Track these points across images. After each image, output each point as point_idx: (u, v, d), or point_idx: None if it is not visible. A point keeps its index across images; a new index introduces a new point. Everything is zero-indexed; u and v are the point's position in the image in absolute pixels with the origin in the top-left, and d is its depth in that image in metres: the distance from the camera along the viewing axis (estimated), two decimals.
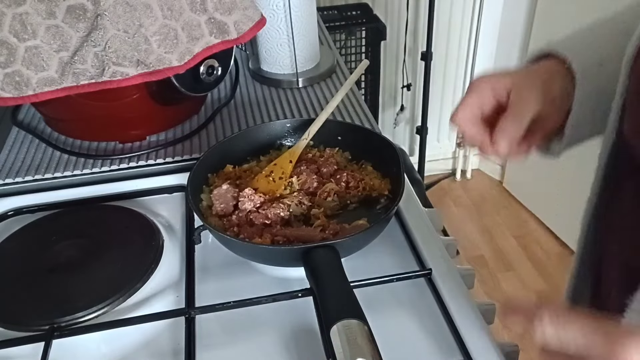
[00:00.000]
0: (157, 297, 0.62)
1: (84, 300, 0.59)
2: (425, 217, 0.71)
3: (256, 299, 0.59)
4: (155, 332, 0.59)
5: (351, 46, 1.82)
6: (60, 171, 0.82)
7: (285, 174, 0.71)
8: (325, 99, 0.97)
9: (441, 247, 0.66)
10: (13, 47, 0.68)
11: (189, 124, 0.92)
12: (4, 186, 0.80)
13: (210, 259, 0.67)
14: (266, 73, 1.03)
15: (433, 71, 2.02)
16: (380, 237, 0.64)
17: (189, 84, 0.82)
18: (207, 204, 0.69)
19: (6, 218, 0.76)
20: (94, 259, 0.65)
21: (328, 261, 0.56)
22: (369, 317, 0.50)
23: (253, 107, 0.96)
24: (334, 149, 0.77)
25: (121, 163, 0.83)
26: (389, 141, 0.73)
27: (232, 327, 0.59)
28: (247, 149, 0.77)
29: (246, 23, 0.80)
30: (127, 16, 0.69)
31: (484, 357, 0.53)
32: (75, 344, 0.57)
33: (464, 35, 2.13)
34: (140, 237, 0.68)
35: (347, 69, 1.07)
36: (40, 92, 0.70)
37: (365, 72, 1.75)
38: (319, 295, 0.54)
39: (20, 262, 0.66)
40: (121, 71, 0.71)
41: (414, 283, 0.62)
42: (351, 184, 0.70)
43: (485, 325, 0.57)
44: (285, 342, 0.57)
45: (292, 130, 0.79)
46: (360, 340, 0.48)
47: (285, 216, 0.66)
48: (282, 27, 0.97)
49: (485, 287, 1.95)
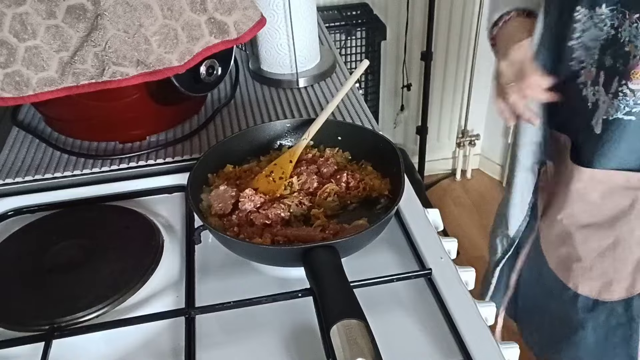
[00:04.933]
0: (157, 297, 0.62)
1: (84, 300, 0.59)
2: (425, 217, 0.71)
3: (256, 299, 0.59)
4: (155, 332, 0.59)
5: (351, 46, 1.82)
6: (60, 171, 0.82)
7: (285, 174, 0.71)
8: (325, 99, 0.97)
9: (441, 247, 0.66)
10: (13, 47, 0.68)
11: (189, 124, 0.92)
12: (4, 186, 0.80)
13: (210, 259, 0.67)
14: (266, 73, 1.03)
15: (433, 71, 2.02)
16: (380, 237, 0.64)
17: (189, 84, 0.82)
18: (207, 204, 0.69)
19: (6, 218, 0.76)
20: (94, 259, 0.65)
21: (328, 261, 0.56)
22: (369, 317, 0.51)
23: (253, 107, 0.96)
24: (334, 149, 0.77)
25: (121, 163, 0.83)
26: (389, 141, 0.73)
27: (232, 327, 0.59)
28: (247, 149, 0.77)
29: (246, 23, 0.80)
30: (127, 16, 0.69)
31: (484, 357, 0.53)
32: (75, 344, 0.57)
33: (464, 35, 2.13)
34: (140, 237, 0.68)
35: (347, 69, 1.07)
36: (40, 92, 0.70)
37: (365, 72, 1.75)
38: (319, 295, 0.54)
39: (20, 262, 0.66)
40: (121, 71, 0.71)
41: (414, 283, 0.62)
42: (351, 184, 0.70)
43: (485, 325, 0.57)
44: (285, 342, 0.57)
45: (292, 130, 0.79)
46: (360, 340, 0.48)
47: (285, 216, 0.66)
48: (282, 27, 0.97)
49: None
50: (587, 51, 0.69)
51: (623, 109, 0.66)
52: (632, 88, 0.65)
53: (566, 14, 0.70)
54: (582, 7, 0.68)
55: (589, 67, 0.70)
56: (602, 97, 0.69)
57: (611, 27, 0.66)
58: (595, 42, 0.68)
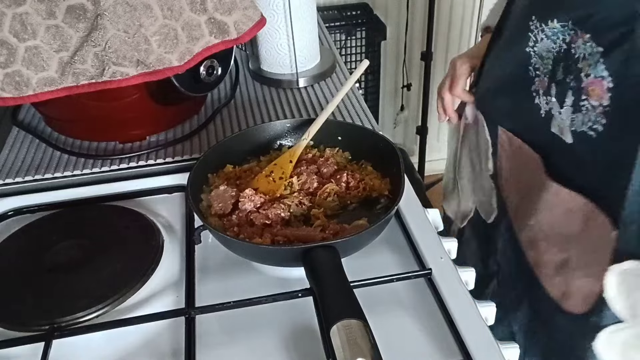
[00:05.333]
0: (157, 297, 0.62)
1: (84, 300, 0.59)
2: (425, 217, 0.71)
3: (256, 299, 0.59)
4: (155, 332, 0.59)
5: (351, 46, 1.82)
6: (60, 171, 0.82)
7: (285, 174, 0.71)
8: (325, 99, 0.97)
9: (441, 247, 0.66)
10: (13, 47, 0.68)
11: (189, 124, 0.92)
12: (4, 186, 0.80)
13: (210, 259, 0.67)
14: (266, 73, 1.03)
15: (433, 71, 2.02)
16: (380, 237, 0.64)
17: (189, 84, 0.82)
18: (207, 204, 0.69)
19: (6, 218, 0.76)
20: (94, 259, 0.65)
21: (328, 261, 0.56)
22: (369, 317, 0.51)
23: (253, 107, 0.96)
24: (334, 149, 0.77)
25: (121, 163, 0.83)
26: (389, 141, 0.73)
27: (232, 327, 0.59)
28: (247, 149, 0.77)
29: (246, 23, 0.80)
30: (127, 16, 0.69)
31: (484, 357, 0.53)
32: (75, 344, 0.57)
33: (464, 35, 2.13)
34: (140, 237, 0.68)
35: (347, 69, 1.07)
36: (40, 92, 0.70)
37: (365, 72, 1.75)
38: (319, 295, 0.54)
39: (20, 262, 0.66)
40: (121, 71, 0.71)
41: (414, 283, 0.62)
42: (351, 184, 0.70)
43: (485, 325, 0.57)
44: (285, 342, 0.57)
45: (292, 130, 0.79)
46: (360, 340, 0.48)
47: (285, 216, 0.66)
48: (282, 27, 0.97)
49: None
50: (542, 60, 0.70)
51: (587, 122, 0.66)
52: (593, 104, 0.64)
53: (522, 22, 0.71)
54: (535, 18, 0.69)
55: (542, 77, 0.70)
56: (556, 108, 0.69)
57: (563, 41, 0.66)
58: (549, 54, 0.69)
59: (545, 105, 0.71)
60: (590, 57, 0.63)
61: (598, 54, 0.62)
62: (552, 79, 0.69)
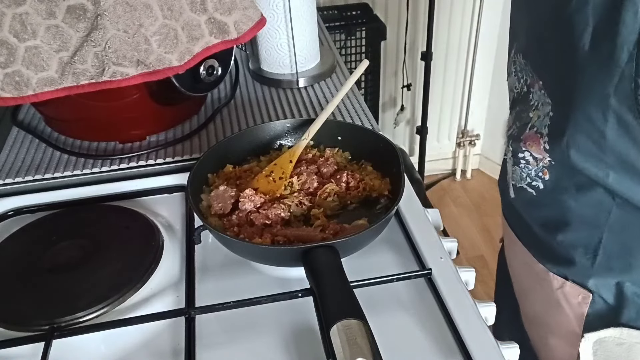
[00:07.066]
0: (157, 297, 0.62)
1: (84, 300, 0.59)
2: (425, 217, 0.71)
3: (256, 299, 0.59)
4: (155, 332, 0.59)
5: (351, 46, 1.82)
6: (60, 171, 0.82)
7: (285, 174, 0.71)
8: (325, 99, 0.97)
9: (441, 247, 0.66)
10: (13, 47, 0.68)
11: (189, 124, 0.92)
12: (4, 186, 0.80)
13: (210, 259, 0.67)
14: (266, 73, 1.03)
15: (433, 71, 2.02)
16: (380, 237, 0.64)
17: (189, 84, 0.82)
18: (207, 204, 0.69)
19: (6, 218, 0.76)
20: (94, 259, 0.65)
21: (328, 261, 0.56)
22: (369, 317, 0.51)
23: (253, 107, 0.96)
24: (334, 149, 0.77)
25: (121, 163, 0.83)
26: (389, 141, 0.73)
27: (232, 327, 0.59)
28: (247, 149, 0.77)
29: (246, 23, 0.80)
30: (127, 16, 0.69)
31: (484, 357, 0.53)
32: (75, 344, 0.57)
33: (464, 35, 2.13)
34: (140, 237, 0.68)
35: (347, 69, 1.07)
36: (40, 92, 0.70)
37: (365, 72, 1.75)
38: (319, 295, 0.54)
39: (20, 262, 0.66)
40: (121, 71, 0.71)
41: (414, 283, 0.62)
42: (351, 184, 0.70)
43: (485, 325, 0.57)
44: (285, 342, 0.57)
45: (292, 130, 0.79)
46: (360, 340, 0.48)
47: (285, 216, 0.66)
48: (282, 27, 0.97)
49: (485, 287, 1.95)
50: (511, 94, 0.62)
51: (525, 178, 0.59)
52: (536, 157, 0.56)
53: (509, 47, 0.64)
54: (513, 47, 0.61)
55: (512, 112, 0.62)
56: (509, 156, 0.61)
57: (525, 82, 0.58)
58: (511, 93, 0.61)
59: (506, 153, 0.63)
60: (543, 107, 0.54)
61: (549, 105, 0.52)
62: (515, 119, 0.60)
